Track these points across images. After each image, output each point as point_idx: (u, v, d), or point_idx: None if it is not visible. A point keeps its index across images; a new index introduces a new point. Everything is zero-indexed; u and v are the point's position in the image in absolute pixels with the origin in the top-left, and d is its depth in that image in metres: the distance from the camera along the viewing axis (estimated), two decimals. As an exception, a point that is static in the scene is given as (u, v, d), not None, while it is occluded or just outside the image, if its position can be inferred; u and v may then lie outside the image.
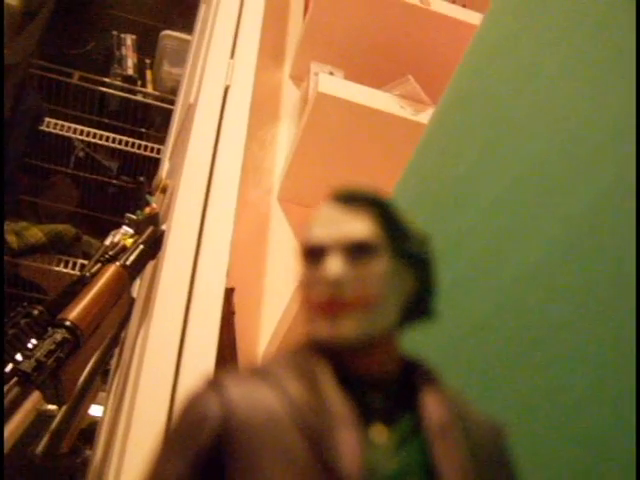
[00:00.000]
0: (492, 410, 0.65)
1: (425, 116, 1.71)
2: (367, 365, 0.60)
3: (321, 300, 0.59)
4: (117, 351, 1.77)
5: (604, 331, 0.68)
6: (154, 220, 1.61)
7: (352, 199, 0.61)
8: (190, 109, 1.82)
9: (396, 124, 1.71)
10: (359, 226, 0.60)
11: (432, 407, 0.59)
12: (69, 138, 3.42)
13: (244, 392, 0.58)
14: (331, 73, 1.90)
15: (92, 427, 1.94)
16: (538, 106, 0.84)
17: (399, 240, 0.61)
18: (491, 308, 0.82)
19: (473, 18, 1.95)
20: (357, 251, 0.59)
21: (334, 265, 0.58)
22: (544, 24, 0.92)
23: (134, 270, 1.45)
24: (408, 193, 1.08)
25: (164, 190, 1.84)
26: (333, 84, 1.75)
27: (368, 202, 0.61)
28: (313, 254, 0.60)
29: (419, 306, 0.63)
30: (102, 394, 1.84)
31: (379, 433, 0.58)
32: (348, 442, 0.55)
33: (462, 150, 0.98)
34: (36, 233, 3.02)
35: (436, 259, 0.62)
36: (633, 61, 0.71)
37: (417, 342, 0.64)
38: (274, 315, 1.54)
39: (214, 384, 0.60)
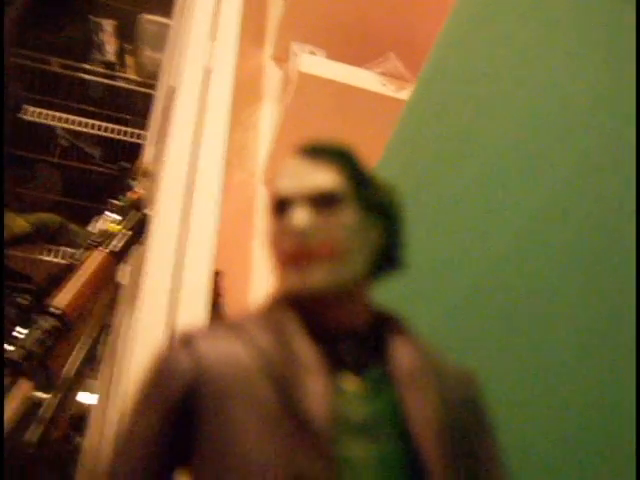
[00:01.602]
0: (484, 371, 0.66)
1: (407, 93, 1.71)
2: (336, 316, 0.61)
3: (288, 251, 0.60)
4: (106, 337, 1.77)
5: (592, 290, 0.69)
6: (138, 205, 1.60)
7: (317, 152, 0.62)
8: (172, 92, 1.80)
9: (378, 102, 1.71)
10: (324, 177, 0.61)
11: (402, 356, 0.60)
12: (51, 126, 3.38)
13: (214, 345, 0.60)
14: (312, 53, 1.88)
15: (81, 414, 1.94)
16: (516, 77, 0.85)
17: (364, 191, 0.61)
18: (483, 272, 0.83)
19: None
20: (322, 201, 0.60)
21: (300, 215, 0.59)
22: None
23: (121, 256, 1.45)
24: (389, 170, 1.08)
25: (146, 175, 1.82)
26: (314, 64, 1.74)
27: (333, 154, 0.62)
28: (280, 206, 0.61)
29: (387, 257, 0.64)
30: (91, 381, 1.84)
31: (349, 381, 0.59)
32: (316, 389, 0.56)
33: (443, 124, 0.98)
34: (21, 223, 2.99)
35: (404, 212, 0.63)
36: (608, 31, 0.71)
37: (415, 301, 0.65)
38: (262, 297, 1.54)
39: (184, 339, 0.61)
